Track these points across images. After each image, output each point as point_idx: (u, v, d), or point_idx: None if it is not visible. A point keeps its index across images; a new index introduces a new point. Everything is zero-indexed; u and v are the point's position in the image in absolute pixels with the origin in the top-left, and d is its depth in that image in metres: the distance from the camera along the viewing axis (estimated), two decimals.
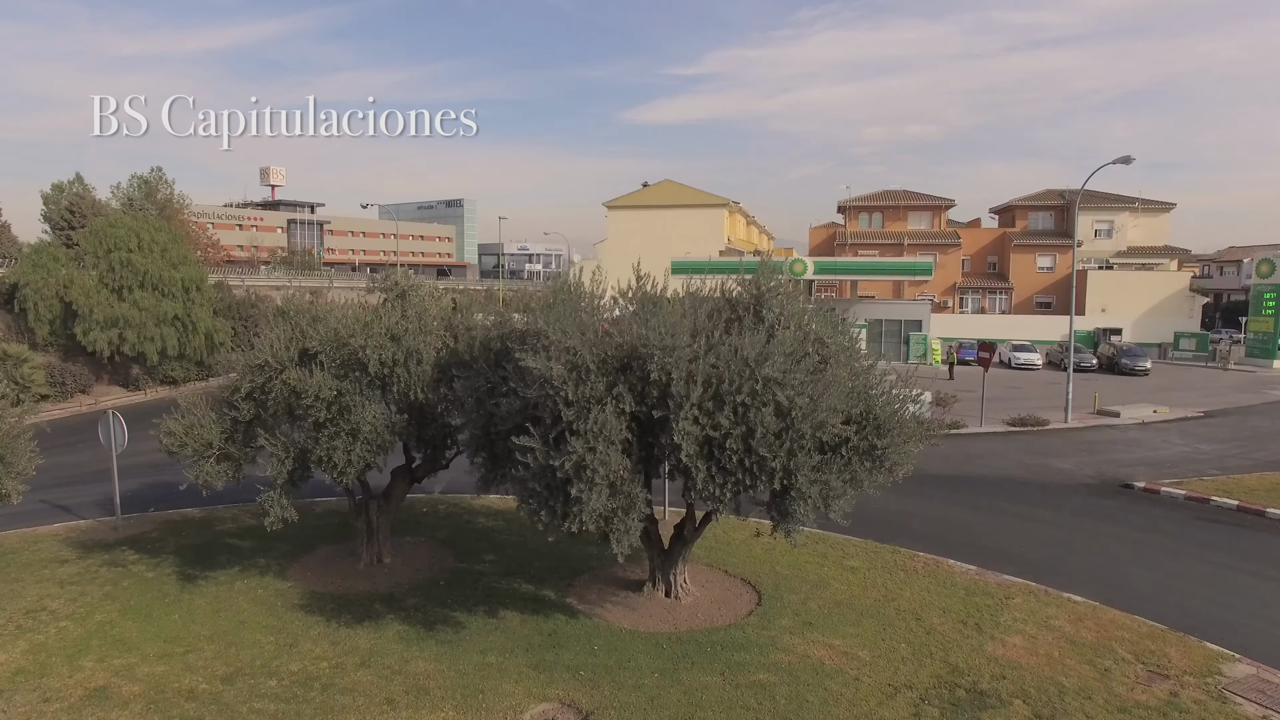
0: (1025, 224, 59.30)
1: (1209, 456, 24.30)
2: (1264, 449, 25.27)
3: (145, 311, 34.60)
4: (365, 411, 11.91)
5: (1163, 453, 24.89)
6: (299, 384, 11.61)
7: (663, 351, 9.45)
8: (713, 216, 56.82)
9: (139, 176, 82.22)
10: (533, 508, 9.87)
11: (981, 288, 57.12)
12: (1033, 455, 24.46)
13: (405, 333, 12.36)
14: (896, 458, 10.42)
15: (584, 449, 9.08)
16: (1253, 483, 20.58)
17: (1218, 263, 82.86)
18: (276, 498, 12.12)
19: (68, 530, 17.53)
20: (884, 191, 63.11)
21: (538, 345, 9.92)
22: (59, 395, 33.52)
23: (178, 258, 37.41)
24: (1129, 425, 29.45)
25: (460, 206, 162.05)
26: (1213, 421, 30.19)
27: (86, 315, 33.96)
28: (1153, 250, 56.03)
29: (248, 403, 12.40)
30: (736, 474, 9.68)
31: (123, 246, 35.46)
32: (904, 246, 57.23)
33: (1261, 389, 40.27)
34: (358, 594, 13.61)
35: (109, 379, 36.52)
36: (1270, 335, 47.96)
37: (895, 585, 13.99)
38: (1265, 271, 48.39)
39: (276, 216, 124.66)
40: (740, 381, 9.38)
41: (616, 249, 58.87)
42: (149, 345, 34.90)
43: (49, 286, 34.36)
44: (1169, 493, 19.84)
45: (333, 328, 12.36)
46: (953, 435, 27.60)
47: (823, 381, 9.82)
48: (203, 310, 37.33)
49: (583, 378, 9.69)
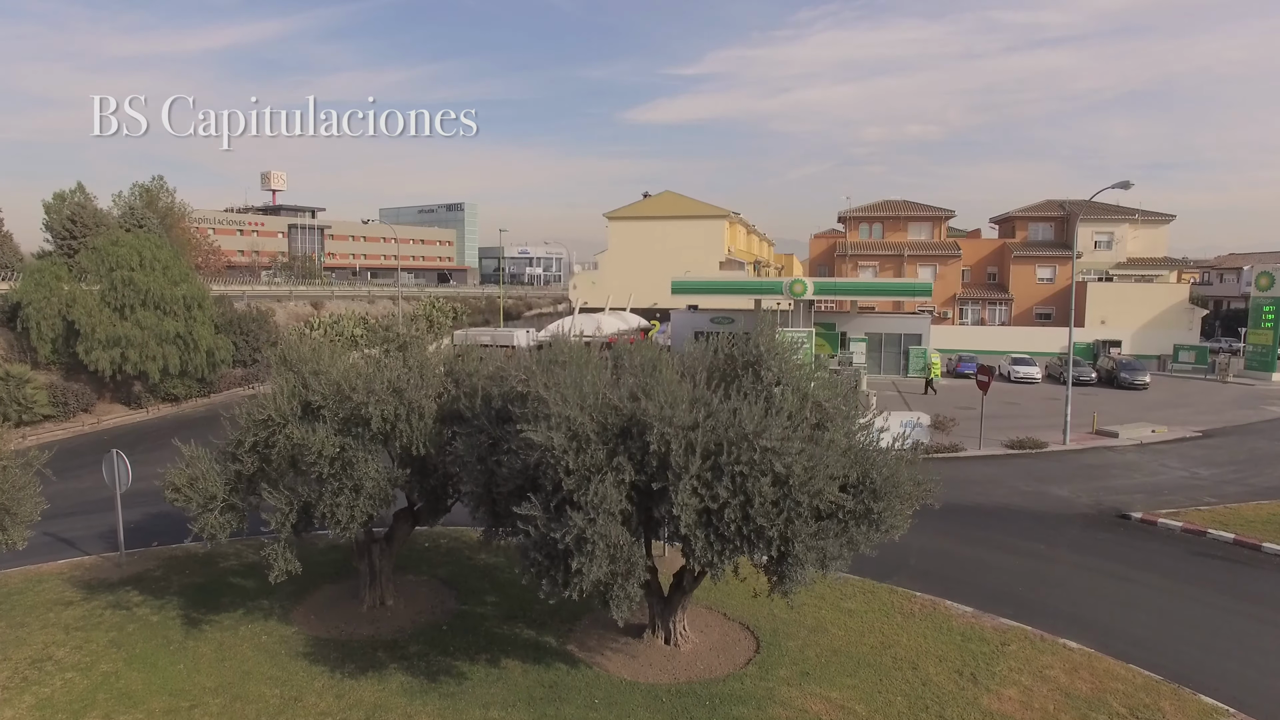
0: (1025, 235, 59.40)
1: (1206, 482, 24.41)
2: (1261, 474, 25.37)
3: (147, 330, 34.72)
4: (368, 466, 12.04)
5: (1160, 478, 25.01)
6: (302, 441, 11.73)
7: (662, 422, 9.56)
8: (713, 228, 56.94)
9: (140, 185, 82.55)
10: (534, 575, 10.00)
11: (981, 299, 57.23)
12: (1031, 481, 24.56)
13: (408, 385, 12.46)
14: (893, 521, 10.54)
15: (585, 522, 9.21)
16: (1249, 513, 20.70)
17: (1217, 270, 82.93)
18: (280, 551, 12.25)
19: (71, 567, 17.65)
20: (884, 202, 63.20)
21: (538, 413, 10.03)
22: (61, 415, 33.64)
23: (179, 275, 37.53)
24: (1127, 447, 29.55)
25: (461, 210, 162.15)
26: (1211, 443, 30.28)
27: (89, 334, 34.09)
28: (1152, 262, 56.11)
29: (251, 455, 12.51)
30: (734, 541, 9.81)
31: (125, 265, 35.59)
32: (904, 258, 57.33)
33: (1260, 404, 40.36)
34: (361, 640, 13.73)
35: (111, 397, 36.65)
36: (1269, 348, 48.03)
37: (892, 630, 14.11)
38: (1264, 285, 48.47)
39: (277, 222, 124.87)
40: (739, 452, 9.50)
41: (617, 259, 59.03)
42: (151, 364, 35.03)
43: (51, 306, 34.50)
44: (1166, 524, 19.96)
45: (335, 381, 12.47)
46: (951, 459, 27.81)
47: (820, 448, 9.93)
48: (204, 328, 37.45)
49: (583, 446, 9.82)
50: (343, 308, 57.44)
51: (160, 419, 36.90)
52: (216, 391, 41.03)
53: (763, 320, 11.93)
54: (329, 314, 54.18)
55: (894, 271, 57.71)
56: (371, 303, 62.52)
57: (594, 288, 59.35)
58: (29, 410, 31.93)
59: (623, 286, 58.19)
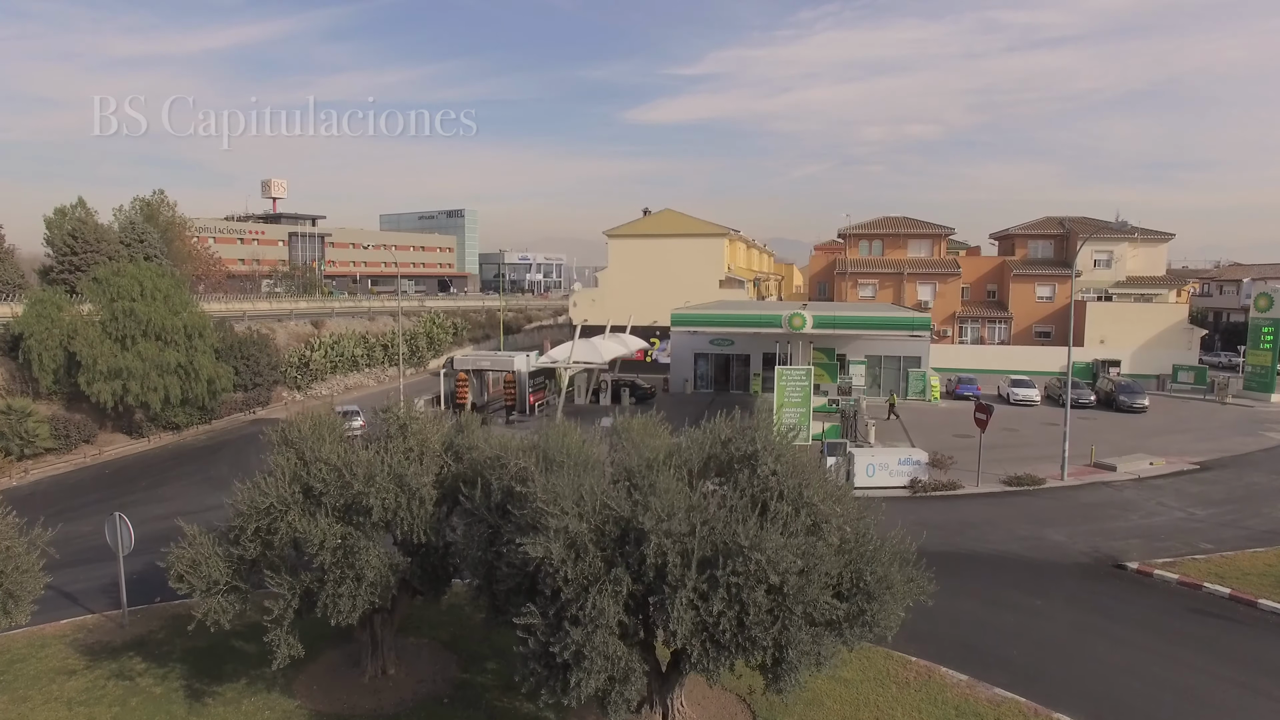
0: (1025, 252, 59.50)
1: (1203, 524, 24.52)
2: (1258, 514, 25.48)
3: (148, 362, 34.85)
4: (369, 555, 12.16)
5: (1157, 519, 25.11)
6: (304, 534, 11.86)
7: (659, 534, 9.69)
8: (713, 246, 57.05)
9: (140, 199, 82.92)
10: (532, 684, 10.14)
11: (981, 317, 57.32)
12: (1028, 524, 24.66)
13: (409, 472, 12.58)
14: (887, 622, 10.67)
15: (582, 637, 9.34)
16: (1245, 563, 20.82)
17: (1218, 281, 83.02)
18: (283, 636, 12.38)
19: (75, 628, 17.78)
20: (884, 219, 63.28)
21: (537, 523, 10.15)
22: (63, 448, 33.78)
23: (180, 304, 37.66)
24: (1125, 482, 29.66)
25: (461, 217, 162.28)
26: (1208, 477, 30.38)
27: (90, 366, 34.22)
28: (1152, 280, 56.19)
29: (253, 541, 12.64)
30: (730, 648, 9.94)
31: (126, 295, 35.72)
32: (904, 276, 57.44)
33: (1258, 429, 40.45)
34: (364, 714, 13.87)
35: (112, 426, 36.78)
36: (1268, 369, 48.13)
37: (887, 703, 14.24)
38: (1263, 305, 48.55)
39: (278, 230, 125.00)
40: (734, 564, 9.63)
41: (617, 277, 59.14)
42: (152, 395, 35.17)
43: (53, 337, 34.63)
44: (1161, 576, 20.08)
45: (336, 467, 12.59)
46: (950, 497, 27.95)
47: (814, 556, 10.06)
48: (205, 357, 37.57)
49: (581, 555, 9.95)
50: (343, 326, 57.49)
51: (161, 448, 37.05)
52: (217, 418, 41.19)
53: (760, 409, 12.03)
54: (329, 334, 54.24)
55: (894, 289, 57.82)
56: (372, 320, 62.62)
57: (594, 305, 59.45)
58: (31, 444, 32.07)
59: (622, 304, 58.26)
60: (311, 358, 49.95)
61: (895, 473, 28.33)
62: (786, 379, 28.61)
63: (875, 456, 28.54)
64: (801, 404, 28.72)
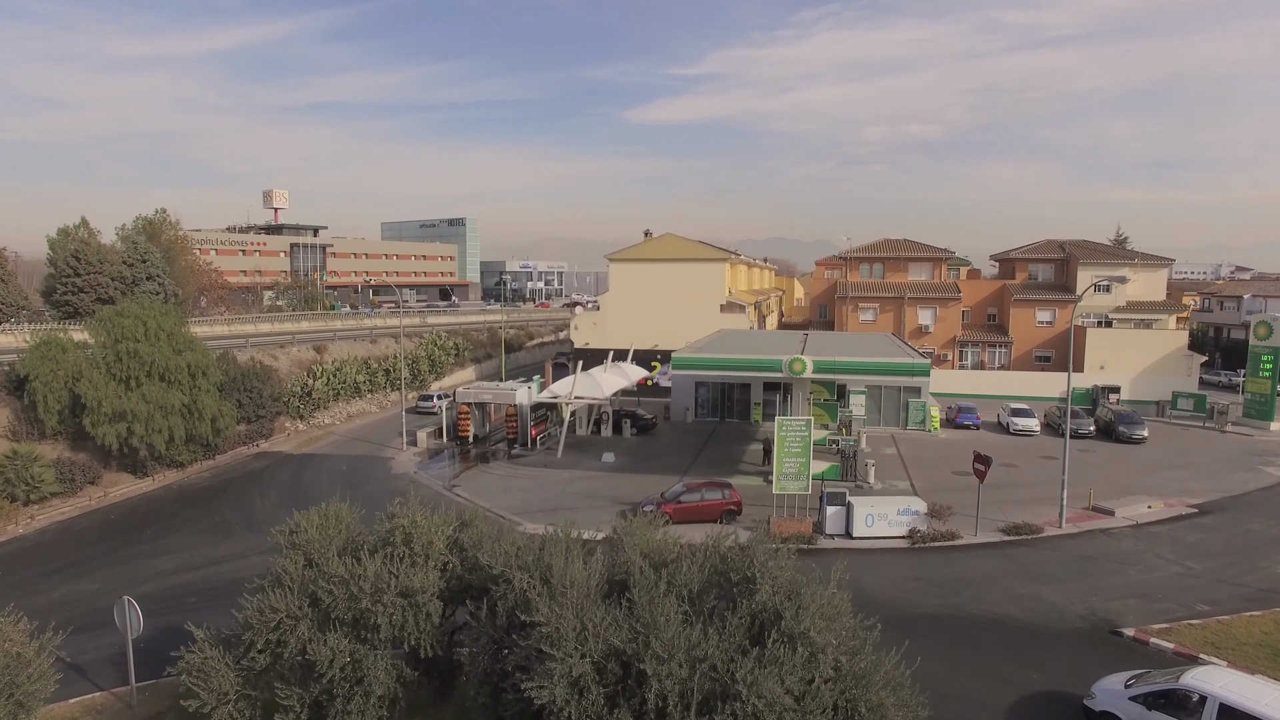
0: (1025, 276, 59.67)
1: (1200, 580, 24.71)
2: (1255, 568, 25.67)
3: (152, 403, 35.10)
4: (377, 669, 12.37)
5: (1154, 575, 25.29)
6: (313, 655, 12.07)
7: (659, 677, 9.90)
8: (714, 270, 57.25)
9: (143, 218, 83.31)
10: None
11: (981, 341, 57.48)
12: (1025, 581, 24.81)
13: (416, 587, 12.79)
14: None
15: None
16: (1241, 630, 21.00)
17: (1218, 298, 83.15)
18: None
19: (83, 709, 17.95)
20: (884, 241, 63.48)
21: (540, 658, 10.35)
22: (68, 491, 34.02)
23: (183, 341, 37.89)
24: (1123, 529, 29.85)
25: (463, 225, 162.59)
26: (1206, 523, 30.55)
27: (95, 408, 34.46)
28: (1152, 305, 56.31)
29: (263, 653, 12.85)
30: None
31: (130, 336, 35.95)
32: (905, 299, 57.61)
33: (1257, 461, 40.66)
34: None
35: (117, 465, 37.01)
36: (1268, 397, 48.29)
37: None
38: (1263, 334, 48.71)
39: (280, 241, 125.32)
40: (731, 707, 9.85)
41: (619, 300, 59.33)
42: (157, 437, 35.44)
43: (57, 379, 34.87)
44: (1158, 645, 20.26)
45: (344, 580, 12.79)
46: (948, 548, 28.12)
47: (810, 695, 10.26)
48: (208, 396, 37.82)
49: (584, 693, 10.16)
50: (345, 351, 57.75)
51: (166, 487, 37.27)
52: (221, 452, 41.44)
53: (757, 537, 12.26)
54: (331, 360, 54.49)
55: (895, 313, 57.99)
56: (374, 342, 62.86)
57: (595, 328, 59.65)
58: (36, 489, 32.33)
59: (624, 327, 58.56)
60: (314, 387, 50.18)
61: (894, 523, 28.53)
62: (786, 429, 28.79)
63: (874, 506, 28.74)
64: (802, 454, 28.91)
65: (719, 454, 41.80)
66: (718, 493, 31.00)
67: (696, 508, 30.47)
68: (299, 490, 36.31)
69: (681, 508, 30.41)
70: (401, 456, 42.50)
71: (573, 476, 37.63)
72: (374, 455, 43.06)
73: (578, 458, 40.83)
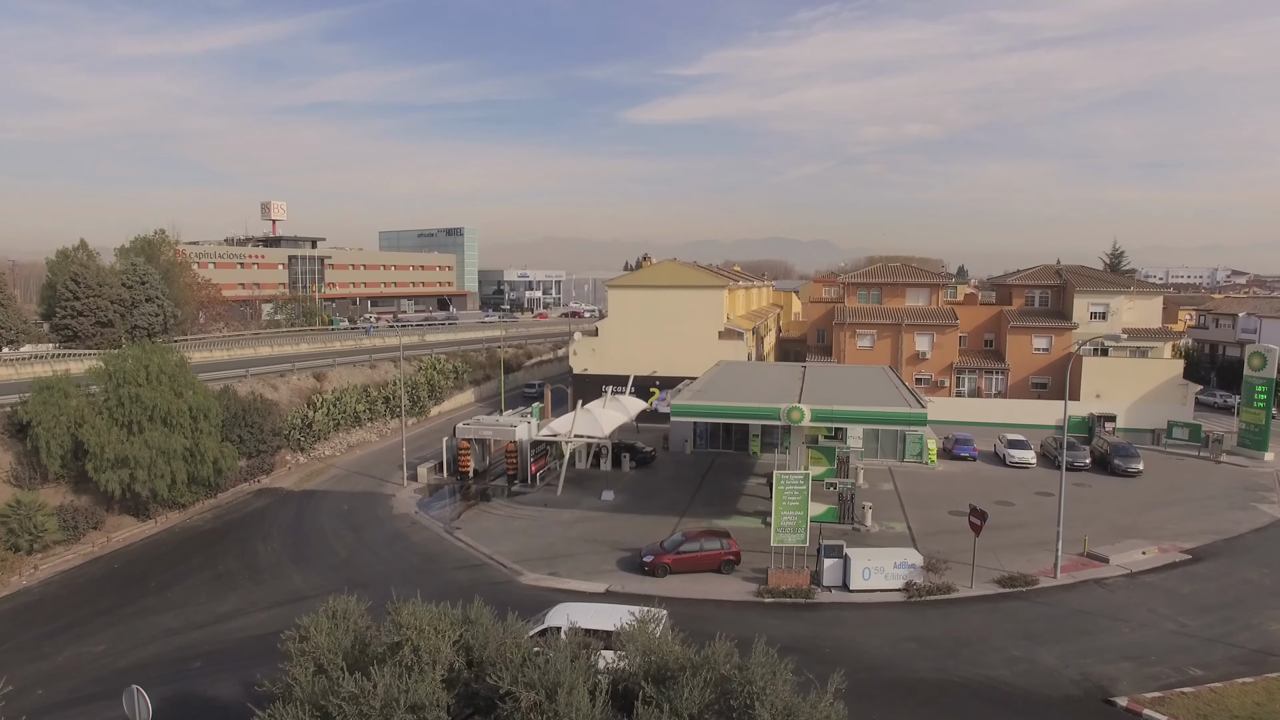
0: (1022, 302, 60.00)
1: (1193, 639, 24.99)
2: (1249, 625, 25.98)
3: (154, 449, 35.30)
4: None
5: (1148, 633, 25.56)
6: None
7: None
8: (712, 297, 57.51)
9: (141, 238, 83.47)
10: None
11: (978, 367, 57.78)
12: (1020, 641, 25.04)
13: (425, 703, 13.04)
14: None
15: None
16: (1234, 700, 21.27)
17: (1213, 314, 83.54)
18: None
19: None
20: (883, 267, 63.83)
21: None
22: (71, 538, 34.21)
23: (184, 384, 38.08)
24: (1117, 578, 30.15)
25: (460, 235, 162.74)
26: (1200, 571, 30.86)
27: (98, 454, 34.68)
28: (1148, 333, 56.65)
29: None
30: None
31: (132, 380, 36.17)
32: (902, 326, 57.89)
33: (1250, 498, 41.01)
34: None
35: (119, 508, 37.20)
36: (1262, 428, 48.65)
37: None
38: (1257, 365, 49.04)
39: (278, 253, 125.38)
40: None
41: (617, 326, 59.55)
42: (159, 482, 35.66)
43: (60, 425, 35.07)
44: (1150, 717, 20.55)
45: (354, 696, 13.02)
46: (944, 602, 28.38)
47: None
48: (210, 439, 38.04)
49: None
50: (345, 378, 57.89)
51: (169, 530, 37.43)
52: (222, 490, 41.63)
53: (759, 654, 12.51)
54: (331, 389, 54.66)
55: (892, 340, 58.28)
56: (373, 367, 63.01)
57: (594, 355, 59.88)
58: (39, 538, 32.53)
59: (622, 353, 58.89)
60: (314, 419, 50.37)
61: (891, 576, 28.80)
62: (785, 484, 29.06)
63: (871, 559, 29.01)
64: (799, 507, 29.17)
65: (717, 491, 42.03)
66: (716, 542, 31.25)
67: (696, 558, 30.73)
68: (300, 533, 36.52)
69: (681, 558, 30.67)
70: (402, 493, 42.72)
71: (573, 518, 37.86)
72: (375, 492, 43.27)
73: (577, 495, 41.08)
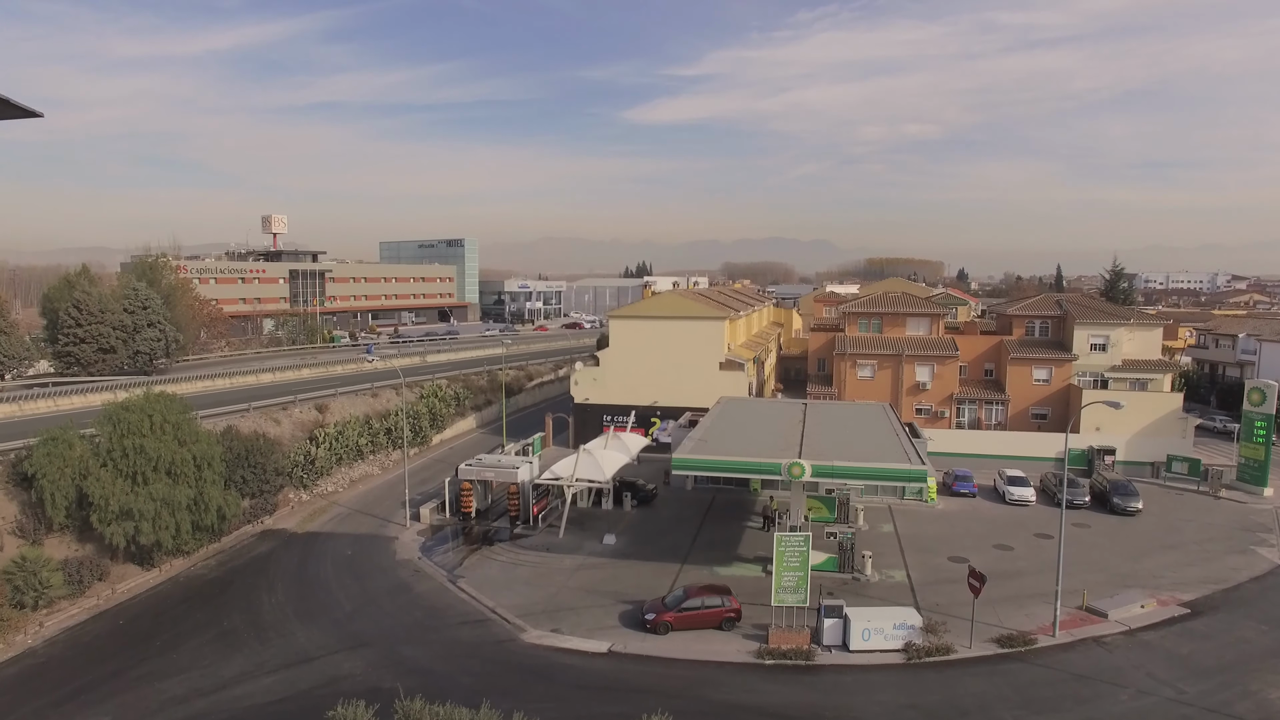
0: (1022, 332, 60.13)
1: (1191, 708, 25.17)
2: (1247, 692, 26.17)
3: (159, 501, 35.49)
4: None
5: (1147, 701, 25.73)
6: None
7: None
8: (712, 329, 57.73)
9: (142, 260, 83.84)
10: None
11: (978, 398, 57.93)
12: (1018, 710, 25.17)
13: None
14: None
15: None
16: None
17: (1213, 334, 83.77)
18: None
19: None
20: (883, 296, 63.96)
21: None
22: (76, 592, 34.38)
23: (188, 434, 38.27)
24: (1116, 637, 30.34)
25: (461, 246, 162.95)
26: (1199, 628, 31.05)
27: (102, 506, 34.87)
28: (1147, 364, 56.79)
29: None
30: None
31: (135, 432, 36.35)
32: (902, 356, 58.03)
33: (1250, 539, 41.24)
34: None
35: (124, 557, 37.35)
36: (1261, 463, 48.84)
37: None
38: (1256, 400, 49.23)
39: (278, 268, 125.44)
40: None
41: (618, 356, 59.76)
42: (164, 534, 35.85)
43: (64, 476, 35.25)
44: None
45: None
46: (942, 664, 28.53)
47: None
48: (214, 488, 38.22)
49: None
50: (346, 409, 58.01)
51: (173, 579, 37.57)
52: (226, 534, 41.80)
53: None
54: (334, 422, 54.79)
55: (892, 370, 58.44)
56: (375, 395, 63.12)
57: (595, 384, 60.13)
58: (44, 594, 32.70)
59: (623, 383, 59.22)
60: (317, 455, 50.52)
61: (890, 636, 28.99)
62: (785, 545, 29.25)
63: (871, 620, 29.20)
64: (799, 568, 29.35)
65: (717, 534, 42.18)
66: (718, 599, 31.45)
67: (697, 615, 30.94)
68: (304, 583, 36.70)
69: (682, 615, 30.88)
70: (405, 536, 42.89)
71: (575, 565, 38.03)
72: (377, 534, 43.43)
73: (579, 539, 41.25)
